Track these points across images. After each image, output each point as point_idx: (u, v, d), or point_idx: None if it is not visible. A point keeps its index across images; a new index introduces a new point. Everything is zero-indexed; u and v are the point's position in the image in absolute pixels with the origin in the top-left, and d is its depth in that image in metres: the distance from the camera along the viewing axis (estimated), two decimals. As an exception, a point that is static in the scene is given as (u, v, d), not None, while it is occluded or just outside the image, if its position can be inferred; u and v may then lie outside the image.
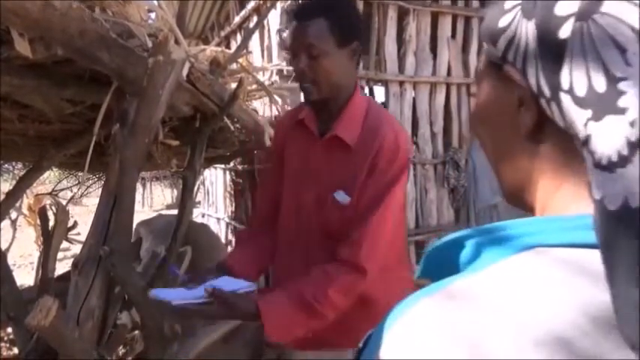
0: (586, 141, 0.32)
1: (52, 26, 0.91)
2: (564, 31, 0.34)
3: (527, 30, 0.37)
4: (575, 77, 0.33)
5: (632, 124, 0.29)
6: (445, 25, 3.98)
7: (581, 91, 0.33)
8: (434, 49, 3.96)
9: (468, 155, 3.97)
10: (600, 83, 0.31)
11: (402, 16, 3.78)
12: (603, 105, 0.31)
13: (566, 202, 0.39)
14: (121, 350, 2.80)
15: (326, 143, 1.29)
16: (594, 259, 0.33)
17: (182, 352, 1.82)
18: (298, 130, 1.36)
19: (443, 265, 0.41)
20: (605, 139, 0.31)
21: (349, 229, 1.21)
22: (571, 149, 0.37)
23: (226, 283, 1.17)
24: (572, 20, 0.34)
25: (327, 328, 1.20)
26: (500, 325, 0.31)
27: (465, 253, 0.40)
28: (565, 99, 0.34)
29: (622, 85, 0.30)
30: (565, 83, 0.34)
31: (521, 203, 0.44)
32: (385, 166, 1.21)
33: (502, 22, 0.40)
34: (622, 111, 0.30)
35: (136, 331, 2.59)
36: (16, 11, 0.83)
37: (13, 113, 1.61)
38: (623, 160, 0.29)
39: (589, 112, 0.32)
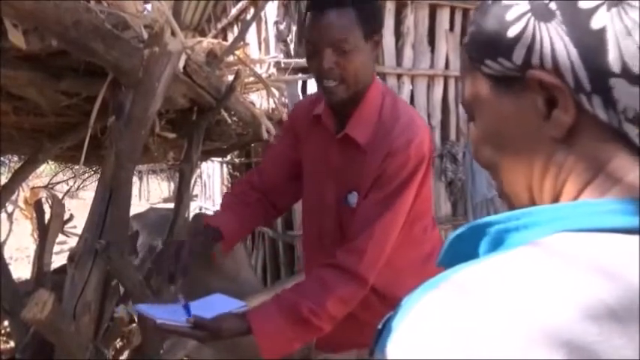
0: None
1: (47, 17, 0.89)
2: (597, 22, 0.35)
3: (550, 31, 0.38)
4: (628, 58, 0.34)
5: None
6: (443, 18, 3.96)
7: (637, 68, 0.34)
8: (432, 42, 3.94)
9: (466, 148, 3.97)
10: None
11: (400, 8, 3.77)
12: None
13: (598, 192, 0.38)
14: (118, 344, 2.80)
15: (341, 142, 1.21)
16: (617, 245, 0.33)
17: (179, 346, 1.82)
18: (316, 125, 1.29)
19: (464, 252, 0.41)
20: None
21: (351, 234, 1.14)
22: (603, 141, 0.38)
23: (216, 303, 1.13)
24: (603, 9, 0.35)
25: (358, 331, 1.15)
26: (506, 323, 0.31)
27: (487, 240, 0.40)
28: (618, 83, 0.35)
29: None
30: (616, 67, 0.35)
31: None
32: (394, 171, 1.13)
33: (511, 33, 0.40)
34: None
35: (133, 325, 2.59)
36: (9, 1, 0.82)
37: (8, 105, 1.59)
38: None
39: None
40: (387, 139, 1.15)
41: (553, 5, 0.38)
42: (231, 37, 4.11)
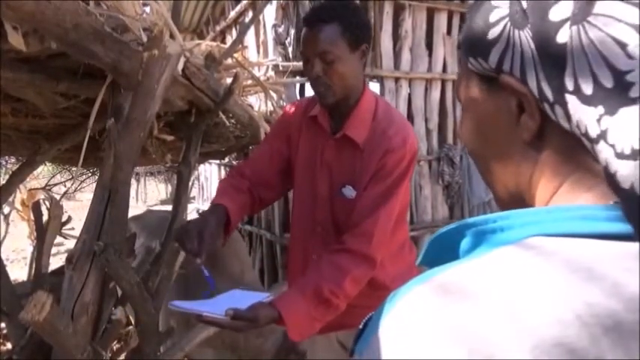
0: (601, 136, 0.34)
1: (46, 19, 0.90)
2: (562, 36, 0.35)
3: (522, 39, 0.39)
4: (580, 78, 0.34)
5: None
6: (441, 21, 3.98)
7: (587, 90, 0.34)
8: (429, 45, 3.96)
9: (463, 152, 3.98)
10: (607, 79, 0.33)
11: (398, 11, 3.78)
12: (615, 99, 0.33)
13: (568, 198, 0.39)
14: (116, 345, 2.79)
15: (338, 141, 1.35)
16: (591, 250, 0.34)
17: (177, 348, 1.82)
18: (311, 125, 1.42)
19: (444, 252, 0.42)
20: (624, 129, 0.32)
21: (357, 221, 1.27)
22: (572, 148, 0.39)
23: (242, 297, 1.21)
24: (567, 25, 0.35)
25: (343, 313, 1.25)
26: (489, 320, 0.31)
27: (466, 242, 0.41)
28: (571, 100, 0.36)
29: (629, 77, 0.32)
30: (570, 85, 0.35)
31: (519, 207, 0.45)
32: (393, 166, 1.28)
33: (491, 35, 0.41)
34: (634, 101, 0.32)
35: (131, 327, 2.58)
36: (9, 3, 0.82)
37: (7, 107, 1.60)
38: None
39: (600, 109, 0.34)
40: (384, 138, 1.29)
41: (528, 12, 0.38)
42: (229, 40, 4.12)
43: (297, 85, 3.52)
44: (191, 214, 5.58)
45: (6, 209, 4.71)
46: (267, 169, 1.48)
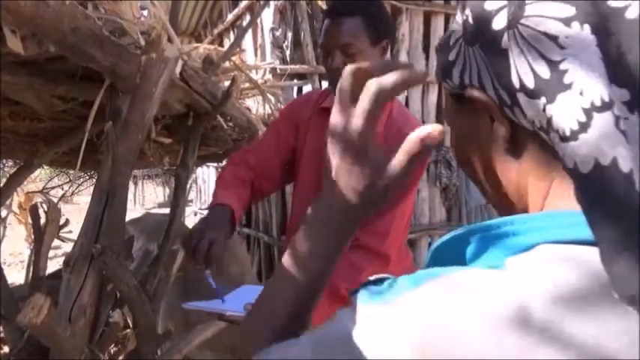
0: (549, 123, 0.36)
1: (45, 23, 0.90)
2: (504, 42, 0.38)
3: (475, 53, 0.41)
4: (522, 75, 0.37)
5: (580, 93, 0.34)
6: (438, 25, 3.99)
7: (530, 84, 0.37)
8: (426, 49, 3.97)
9: (460, 154, 4.00)
10: (544, 71, 0.36)
11: (395, 15, 3.80)
12: (552, 87, 0.35)
13: (560, 200, 0.40)
14: (113, 348, 2.79)
15: None
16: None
17: (175, 350, 1.82)
18: (321, 117, 1.41)
19: (448, 259, 0.42)
20: (563, 113, 0.35)
21: (371, 217, 1.25)
22: (544, 149, 0.40)
23: (256, 293, 1.19)
24: (506, 30, 0.38)
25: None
26: (483, 328, 0.32)
27: (471, 249, 0.41)
28: (521, 97, 0.38)
29: (562, 66, 0.35)
30: (516, 83, 0.38)
31: (516, 212, 0.45)
32: None
33: (451, 57, 0.45)
34: (569, 86, 0.34)
35: (129, 329, 2.58)
36: (8, 7, 0.83)
37: (5, 110, 1.60)
38: (583, 126, 0.33)
39: (543, 99, 0.36)
40: (401, 136, 1.24)
41: (476, 30, 0.41)
42: (227, 43, 4.13)
43: (295, 88, 3.53)
44: (189, 217, 5.58)
45: (3, 212, 4.70)
46: (272, 160, 1.44)
